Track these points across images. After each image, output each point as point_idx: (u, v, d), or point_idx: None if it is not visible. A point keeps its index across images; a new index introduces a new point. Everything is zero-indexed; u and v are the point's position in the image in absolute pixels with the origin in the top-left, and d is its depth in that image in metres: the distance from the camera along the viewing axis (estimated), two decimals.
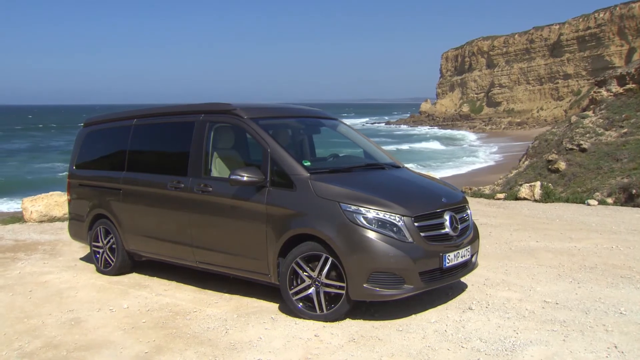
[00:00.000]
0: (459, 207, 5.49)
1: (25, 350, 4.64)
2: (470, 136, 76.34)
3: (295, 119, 6.57)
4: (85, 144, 7.46)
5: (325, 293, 5.03)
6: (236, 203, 5.54)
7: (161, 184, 6.21)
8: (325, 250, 4.96)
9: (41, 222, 10.88)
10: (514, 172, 24.71)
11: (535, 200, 12.34)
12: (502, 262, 7.02)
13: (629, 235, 8.52)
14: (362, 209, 4.91)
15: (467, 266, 5.49)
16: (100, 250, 6.98)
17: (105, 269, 6.94)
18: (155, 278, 6.72)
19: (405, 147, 60.52)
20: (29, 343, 4.76)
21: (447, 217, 5.19)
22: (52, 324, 5.23)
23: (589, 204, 11.56)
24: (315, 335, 4.73)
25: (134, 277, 6.80)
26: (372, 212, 4.91)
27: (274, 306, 5.51)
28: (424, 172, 9.11)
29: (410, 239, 4.89)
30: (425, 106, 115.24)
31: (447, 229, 5.16)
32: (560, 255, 7.32)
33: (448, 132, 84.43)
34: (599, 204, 11.65)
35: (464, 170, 41.38)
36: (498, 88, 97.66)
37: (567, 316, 5.02)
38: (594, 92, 24.76)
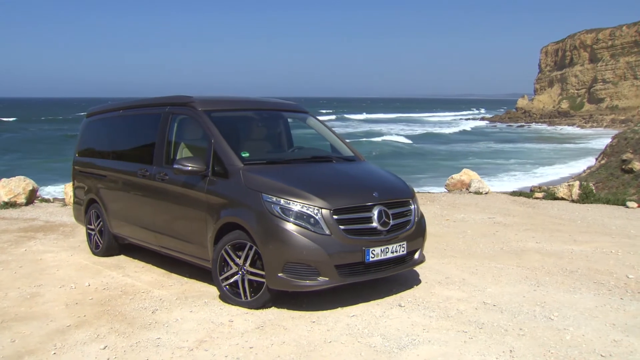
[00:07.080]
0: (396, 202, 5.38)
1: None
2: None
3: (257, 111, 6.68)
4: (85, 134, 8.01)
5: (250, 281, 5.14)
6: (184, 191, 5.77)
7: (133, 172, 6.57)
8: (250, 239, 5.06)
9: None
10: (587, 171, 23.27)
11: (573, 201, 11.64)
12: (480, 262, 6.78)
13: None
14: (281, 200, 4.97)
15: (403, 262, 5.38)
16: (92, 233, 7.49)
17: (96, 250, 7.43)
18: (135, 260, 7.11)
19: None
20: None
21: (375, 211, 5.12)
22: (13, 296, 5.70)
23: (627, 206, 10.76)
24: (230, 321, 4.85)
25: (118, 259, 7.22)
26: (290, 204, 4.95)
27: (217, 292, 5.68)
28: None
29: (327, 232, 4.88)
30: (522, 102, 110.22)
31: (375, 224, 5.09)
32: (548, 258, 6.94)
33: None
34: (638, 206, 10.79)
35: None
36: (601, 83, 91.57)
37: (491, 318, 4.80)
38: None
